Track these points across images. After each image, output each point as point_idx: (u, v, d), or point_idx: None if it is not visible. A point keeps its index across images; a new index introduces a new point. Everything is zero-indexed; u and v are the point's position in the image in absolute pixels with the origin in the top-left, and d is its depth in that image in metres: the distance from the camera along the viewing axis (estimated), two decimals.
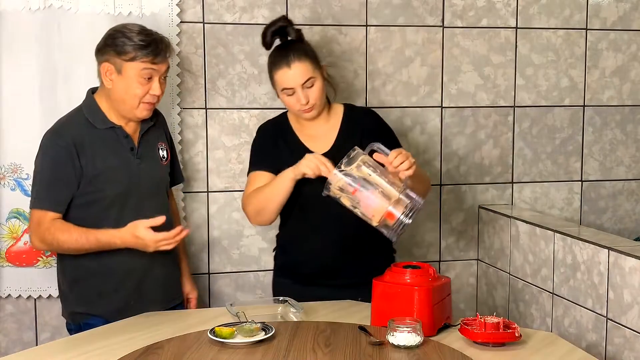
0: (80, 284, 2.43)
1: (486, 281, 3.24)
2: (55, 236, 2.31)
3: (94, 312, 2.40)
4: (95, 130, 2.37)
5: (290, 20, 2.51)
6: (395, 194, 2.16)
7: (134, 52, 2.31)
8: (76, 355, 1.96)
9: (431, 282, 2.12)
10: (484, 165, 3.26)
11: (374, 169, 2.19)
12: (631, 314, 2.35)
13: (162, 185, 2.54)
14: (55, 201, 2.34)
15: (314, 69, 2.41)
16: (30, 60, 2.74)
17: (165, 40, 2.40)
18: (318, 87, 2.41)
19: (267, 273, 3.06)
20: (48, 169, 2.35)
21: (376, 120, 2.55)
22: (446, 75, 3.18)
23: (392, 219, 2.16)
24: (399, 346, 1.94)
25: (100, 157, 2.36)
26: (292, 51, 2.41)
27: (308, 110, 2.42)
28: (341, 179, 2.19)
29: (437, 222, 3.25)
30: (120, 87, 2.34)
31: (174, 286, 2.60)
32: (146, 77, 2.34)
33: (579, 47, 3.29)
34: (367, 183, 2.17)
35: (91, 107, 2.41)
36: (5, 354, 2.56)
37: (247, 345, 1.97)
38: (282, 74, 2.40)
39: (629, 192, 3.42)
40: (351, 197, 2.19)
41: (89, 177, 2.34)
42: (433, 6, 3.13)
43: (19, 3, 2.70)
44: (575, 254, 2.62)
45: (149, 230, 2.27)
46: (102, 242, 2.31)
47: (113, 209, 2.37)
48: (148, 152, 2.47)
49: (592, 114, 3.34)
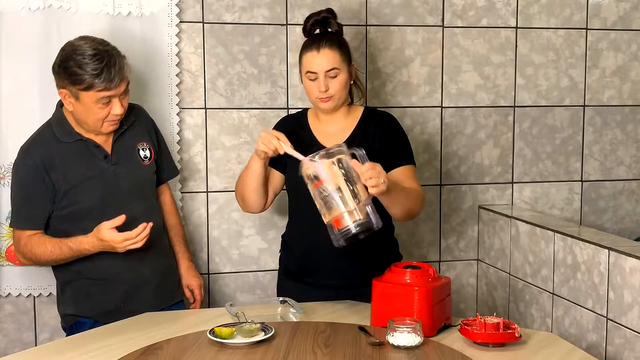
0: (70, 286, 2.46)
1: (486, 281, 3.24)
2: (32, 251, 2.37)
3: (83, 314, 2.44)
4: (63, 144, 2.39)
5: (335, 14, 2.50)
6: (351, 205, 2.10)
7: (87, 82, 2.27)
8: (76, 355, 1.96)
9: (431, 282, 2.12)
10: (484, 165, 3.26)
11: (346, 171, 2.13)
12: (631, 314, 2.35)
13: (145, 187, 2.54)
14: (30, 219, 2.39)
15: (341, 61, 2.40)
16: (30, 60, 2.74)
17: (120, 61, 2.32)
18: (341, 80, 2.40)
19: (267, 273, 3.06)
20: (20, 189, 2.40)
21: (391, 127, 2.50)
22: (446, 75, 3.18)
23: (338, 225, 2.11)
24: (398, 346, 1.94)
25: (72, 171, 2.38)
26: (326, 39, 2.41)
27: (325, 99, 2.41)
28: (310, 167, 2.15)
29: (437, 222, 3.25)
30: (80, 111, 2.34)
31: (169, 288, 2.59)
32: (104, 102, 2.32)
33: (579, 47, 3.29)
34: (332, 182, 2.12)
35: (60, 121, 2.42)
36: (5, 354, 2.56)
37: (246, 345, 1.97)
38: (310, 57, 2.40)
39: (629, 192, 3.41)
40: (313, 188, 2.15)
41: (62, 192, 2.37)
42: (433, 6, 3.13)
43: (19, 3, 2.70)
44: (575, 254, 2.62)
45: (111, 232, 2.27)
46: (74, 250, 2.34)
47: (90, 219, 2.36)
48: (124, 156, 2.46)
49: (593, 114, 3.34)
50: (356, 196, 2.11)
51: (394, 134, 2.48)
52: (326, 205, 2.13)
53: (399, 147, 2.46)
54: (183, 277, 2.66)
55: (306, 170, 2.17)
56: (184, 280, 2.66)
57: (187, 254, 2.71)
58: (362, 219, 2.10)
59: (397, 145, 2.46)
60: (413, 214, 2.42)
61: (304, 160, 2.18)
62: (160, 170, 2.63)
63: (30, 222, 2.39)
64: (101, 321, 2.34)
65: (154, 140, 2.59)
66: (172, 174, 2.73)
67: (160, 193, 2.69)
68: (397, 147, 2.45)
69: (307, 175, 2.17)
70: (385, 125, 2.48)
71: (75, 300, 2.45)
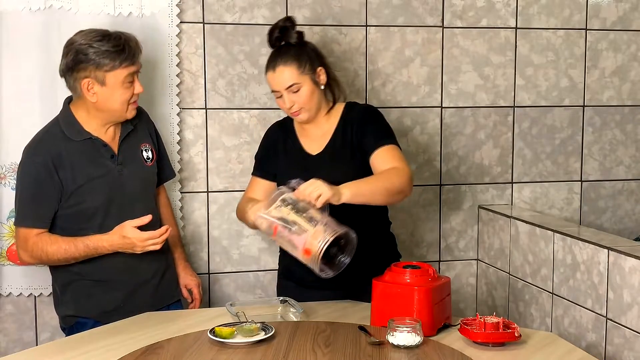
0: (70, 287, 2.45)
1: (486, 281, 3.25)
2: (44, 249, 2.34)
3: (83, 314, 2.44)
4: (72, 142, 2.38)
5: (294, 22, 2.48)
6: (310, 229, 2.10)
7: (112, 61, 2.29)
8: (76, 355, 1.97)
9: (431, 282, 2.12)
10: (483, 165, 3.26)
11: (293, 205, 2.15)
12: (631, 314, 2.36)
13: (147, 188, 2.55)
14: (39, 217, 2.37)
15: (300, 74, 2.39)
16: (31, 60, 2.74)
17: (132, 37, 2.38)
18: (304, 93, 2.40)
19: (267, 273, 3.07)
20: (28, 187, 2.37)
21: (367, 115, 2.49)
22: (446, 75, 3.18)
23: (309, 254, 2.10)
24: (398, 346, 1.95)
25: (80, 170, 2.37)
26: (280, 55, 2.42)
27: (296, 113, 2.44)
28: (262, 224, 2.19)
29: (437, 222, 3.25)
30: (105, 97, 2.34)
31: (167, 287, 2.59)
32: (129, 81, 2.35)
33: (579, 47, 3.29)
34: (284, 222, 2.14)
35: (67, 118, 2.41)
36: (5, 354, 2.56)
37: (247, 345, 1.97)
38: (269, 77, 2.43)
39: (628, 192, 3.42)
40: (274, 238, 2.19)
41: (70, 191, 2.36)
42: (433, 6, 3.13)
43: (19, 3, 2.70)
44: (575, 254, 2.62)
45: (136, 230, 2.30)
46: (90, 247, 2.33)
47: (96, 219, 2.38)
48: (130, 157, 2.47)
49: (592, 114, 3.34)
50: (312, 220, 2.12)
51: (370, 121, 2.47)
52: (291, 244, 2.14)
53: (375, 130, 2.44)
54: (180, 277, 2.67)
55: (261, 227, 2.21)
56: (181, 280, 2.67)
57: (183, 254, 2.72)
58: (327, 235, 2.09)
59: (373, 129, 2.44)
60: (400, 193, 2.33)
61: (256, 220, 2.21)
62: (160, 172, 2.64)
63: (39, 220, 2.36)
64: (102, 321, 2.34)
65: (155, 142, 2.60)
66: (170, 176, 2.74)
67: (157, 194, 2.69)
68: (373, 132, 2.43)
69: (265, 231, 2.21)
70: (362, 116, 2.48)
71: (76, 301, 2.45)
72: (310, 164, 2.45)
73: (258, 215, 2.19)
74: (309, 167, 2.43)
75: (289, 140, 2.52)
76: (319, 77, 2.45)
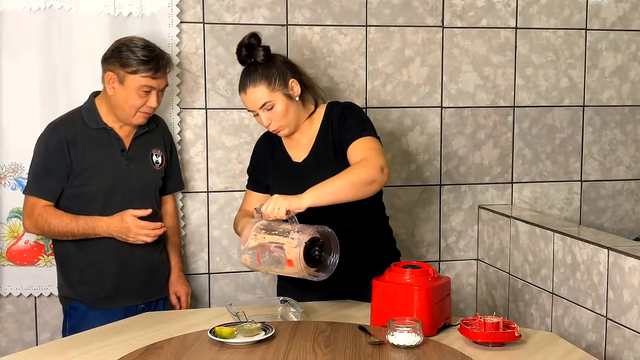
0: (65, 269, 2.59)
1: (486, 281, 3.25)
2: (47, 221, 2.49)
3: (76, 297, 2.57)
4: (88, 129, 2.53)
5: (259, 39, 2.45)
6: (286, 241, 2.14)
7: (136, 66, 2.44)
8: (76, 355, 1.97)
9: (431, 282, 2.12)
10: (483, 165, 3.26)
11: (266, 229, 2.19)
12: (631, 314, 2.36)
13: (150, 188, 2.65)
14: (47, 190, 2.52)
15: (271, 91, 2.37)
16: (31, 60, 2.74)
17: (167, 56, 2.54)
18: (279, 109, 2.39)
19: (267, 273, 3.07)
20: (42, 159, 2.53)
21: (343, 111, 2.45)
22: (446, 75, 3.18)
23: (292, 264, 2.14)
24: (398, 346, 1.95)
25: (89, 155, 2.52)
26: (249, 76, 2.41)
27: (275, 130, 2.45)
28: (247, 259, 2.22)
29: (437, 222, 3.25)
30: (120, 95, 2.48)
31: (156, 281, 2.67)
32: (145, 91, 2.47)
33: (579, 47, 3.29)
34: (263, 246, 2.17)
35: (89, 109, 2.57)
36: (5, 354, 2.56)
37: (247, 345, 1.97)
38: (242, 98, 2.45)
39: (628, 192, 3.42)
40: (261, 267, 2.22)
41: (77, 172, 2.51)
42: (433, 6, 3.13)
43: (20, 3, 2.71)
44: (575, 254, 2.62)
45: (135, 218, 2.46)
46: (89, 225, 2.47)
47: (96, 204, 2.51)
48: (139, 155, 2.60)
49: (592, 114, 3.34)
50: (285, 232, 2.17)
51: (347, 116, 2.44)
52: (276, 263, 2.17)
53: (351, 125, 2.41)
54: (172, 285, 2.73)
55: (246, 264, 2.24)
56: (172, 287, 2.73)
57: (179, 264, 2.78)
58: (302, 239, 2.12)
59: (350, 124, 2.41)
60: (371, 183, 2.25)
61: (243, 263, 2.25)
62: (168, 180, 2.74)
63: (47, 192, 2.51)
64: (93, 306, 2.53)
65: (168, 151, 2.72)
66: (178, 187, 2.85)
67: (165, 202, 2.78)
68: (350, 126, 2.40)
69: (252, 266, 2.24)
70: (341, 113, 2.45)
71: (70, 284, 2.58)
72: (297, 171, 2.46)
73: (241, 254, 2.22)
74: (296, 175, 2.44)
75: (277, 151, 2.53)
76: (292, 89, 2.41)
